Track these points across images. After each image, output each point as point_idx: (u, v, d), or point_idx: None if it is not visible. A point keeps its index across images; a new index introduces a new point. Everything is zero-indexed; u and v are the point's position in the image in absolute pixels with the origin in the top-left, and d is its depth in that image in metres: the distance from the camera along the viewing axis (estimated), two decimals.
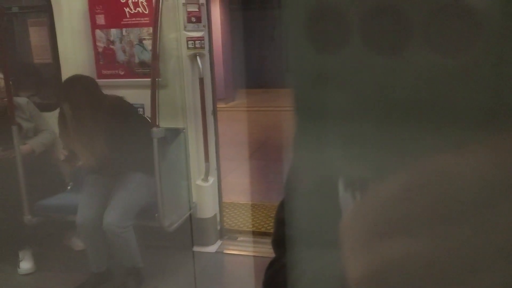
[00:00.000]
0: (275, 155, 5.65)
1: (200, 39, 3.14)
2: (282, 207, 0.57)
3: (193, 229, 3.26)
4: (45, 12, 3.88)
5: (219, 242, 3.42)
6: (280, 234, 0.55)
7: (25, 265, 3.08)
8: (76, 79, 2.77)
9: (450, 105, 0.20)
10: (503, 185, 0.19)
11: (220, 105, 3.40)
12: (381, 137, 0.22)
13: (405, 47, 0.20)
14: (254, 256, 3.25)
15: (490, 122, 0.20)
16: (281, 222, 0.55)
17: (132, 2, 3.11)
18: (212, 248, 3.34)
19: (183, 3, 3.03)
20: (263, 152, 5.95)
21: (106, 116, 2.70)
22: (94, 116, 2.68)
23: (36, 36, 5.10)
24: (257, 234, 3.51)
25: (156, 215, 2.86)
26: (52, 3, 3.32)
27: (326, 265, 0.39)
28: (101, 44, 3.26)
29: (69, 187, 3.35)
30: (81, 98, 2.68)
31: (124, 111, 2.81)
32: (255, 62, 11.10)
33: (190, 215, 3.23)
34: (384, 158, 0.22)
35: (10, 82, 3.03)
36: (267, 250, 3.28)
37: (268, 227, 3.58)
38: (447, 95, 0.20)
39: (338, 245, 0.23)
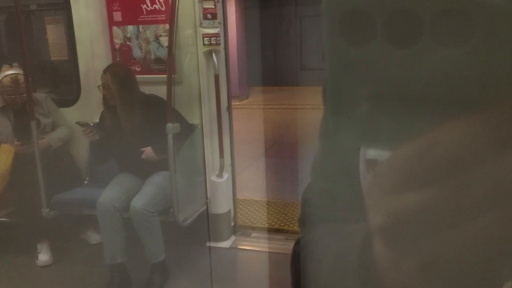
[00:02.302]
0: (289, 153, 5.66)
1: (216, 35, 3.16)
2: (308, 188, 0.59)
3: (207, 225, 3.29)
4: (63, 10, 3.94)
5: (232, 238, 3.44)
6: (306, 213, 0.57)
7: (43, 257, 3.14)
8: (120, 66, 2.92)
9: (456, 88, 0.25)
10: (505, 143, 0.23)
11: (233, 102, 3.42)
12: (401, 120, 0.26)
13: (420, 42, 0.24)
14: (267, 252, 3.27)
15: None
16: (307, 202, 0.58)
17: None
18: (226, 244, 3.36)
19: (199, 0, 3.05)
20: (277, 150, 5.96)
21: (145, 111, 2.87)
22: (134, 108, 2.86)
23: (53, 33, 5.18)
24: (271, 230, 3.52)
25: (171, 210, 2.89)
26: (70, 0, 3.36)
27: (347, 239, 0.42)
28: (118, 41, 3.30)
29: (85, 182, 3.41)
30: (125, 82, 2.88)
31: (161, 108, 2.88)
32: (269, 59, 11.09)
33: (206, 210, 3.26)
34: (403, 139, 0.25)
35: (30, 79, 3.09)
36: (280, 246, 3.30)
37: (282, 224, 3.59)
38: (456, 82, 0.25)
39: (359, 221, 0.26)
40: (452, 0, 0.24)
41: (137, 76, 3.27)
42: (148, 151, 2.90)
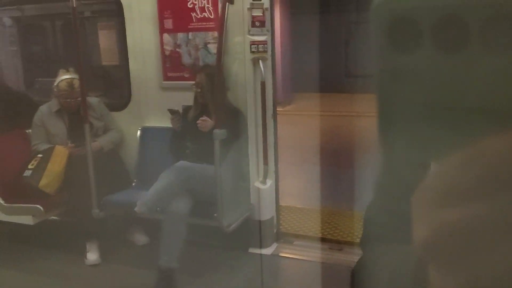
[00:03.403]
0: (332, 160, 5.60)
1: (263, 43, 3.18)
2: (371, 206, 0.58)
3: (250, 231, 3.30)
4: (115, 17, 4.08)
5: (275, 245, 3.43)
6: (368, 233, 0.56)
7: (92, 256, 3.24)
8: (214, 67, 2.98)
9: (505, 97, 0.24)
10: None
11: (277, 108, 3.43)
12: (453, 126, 0.26)
13: (468, 49, 0.24)
14: (309, 261, 3.24)
15: None
16: (369, 221, 0.57)
17: (198, 7, 3.20)
18: (268, 251, 3.35)
19: (248, 7, 3.08)
20: (320, 157, 5.90)
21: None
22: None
23: (105, 39, 5.37)
24: (313, 239, 3.49)
25: (215, 214, 2.92)
26: (123, 7, 3.48)
27: (404, 260, 0.41)
28: (168, 48, 3.38)
29: (133, 184, 3.50)
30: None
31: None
32: (314, 65, 11.03)
33: (251, 216, 3.28)
34: (451, 141, 0.25)
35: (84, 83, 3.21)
36: (323, 256, 3.26)
37: (325, 233, 3.55)
38: (502, 89, 0.24)
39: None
40: (502, 7, 0.23)
41: (185, 82, 3.35)
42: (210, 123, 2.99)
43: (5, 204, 3.26)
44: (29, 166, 3.26)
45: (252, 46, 3.15)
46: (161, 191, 2.86)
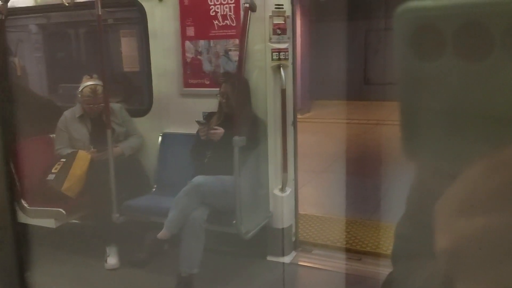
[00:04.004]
0: (351, 168, 5.55)
1: (285, 50, 3.18)
2: (403, 220, 0.57)
3: (269, 239, 3.28)
4: (137, 24, 4.13)
5: (293, 253, 3.41)
6: (399, 248, 0.55)
7: (112, 260, 3.27)
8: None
9: None
10: None
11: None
12: (472, 133, 0.26)
13: (492, 57, 0.24)
14: (328, 270, 3.20)
15: None
16: (400, 236, 0.56)
17: (221, 15, 3.23)
18: (286, 259, 3.33)
19: (269, 15, 3.09)
20: (339, 165, 5.86)
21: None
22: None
23: (126, 46, 5.45)
24: (332, 248, 3.45)
25: (234, 222, 2.92)
26: (146, 15, 3.52)
27: (433, 275, 0.41)
28: (189, 55, 3.42)
29: (153, 190, 3.52)
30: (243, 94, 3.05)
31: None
32: (333, 73, 11.00)
33: (270, 224, 3.26)
34: (477, 152, 0.25)
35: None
36: (342, 266, 3.22)
37: (344, 242, 3.51)
38: None
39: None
40: None
41: (206, 89, 3.38)
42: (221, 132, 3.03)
43: (29, 208, 3.32)
44: (53, 170, 3.32)
45: (274, 53, 3.15)
46: (180, 214, 2.88)
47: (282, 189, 3.33)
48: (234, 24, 3.22)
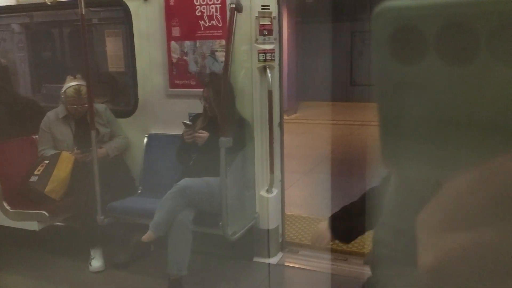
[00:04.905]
0: (337, 169, 5.57)
1: (271, 51, 3.18)
2: (380, 227, 0.57)
3: (255, 240, 3.27)
4: (122, 24, 4.09)
5: (280, 254, 3.41)
6: (377, 254, 0.55)
7: (96, 263, 3.22)
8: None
9: None
10: None
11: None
12: (455, 140, 0.25)
13: (473, 59, 0.23)
14: (314, 270, 3.21)
15: None
16: (379, 242, 0.56)
17: (207, 15, 3.21)
18: (273, 260, 3.33)
19: (256, 16, 3.09)
20: (325, 166, 5.88)
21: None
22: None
23: (112, 46, 5.39)
24: (319, 249, 3.45)
25: (220, 223, 2.90)
26: (132, 15, 3.49)
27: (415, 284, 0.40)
28: (175, 55, 3.39)
29: (139, 191, 3.49)
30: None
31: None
32: (319, 74, 11.05)
33: (256, 225, 3.25)
34: (459, 159, 0.24)
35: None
36: (328, 266, 3.23)
37: (330, 243, 3.51)
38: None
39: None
40: (509, 15, 0.22)
41: (192, 90, 3.35)
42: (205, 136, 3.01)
43: (11, 210, 3.26)
44: (35, 172, 3.26)
45: (260, 54, 3.15)
46: (166, 216, 2.84)
47: (269, 190, 3.32)
48: (220, 25, 3.21)
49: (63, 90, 3.34)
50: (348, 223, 1.56)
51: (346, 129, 8.18)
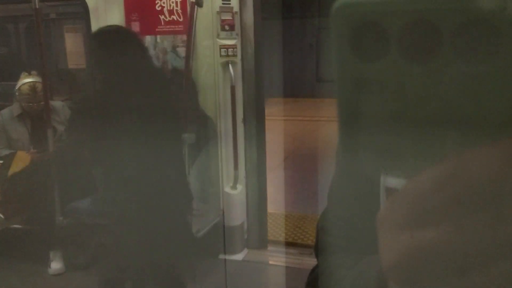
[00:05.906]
0: (304, 165, 5.62)
1: (233, 47, 3.16)
2: (324, 215, 0.57)
3: (220, 237, 3.26)
4: (82, 19, 3.99)
5: (245, 251, 3.41)
6: (322, 241, 0.54)
7: (56, 265, 3.13)
8: None
9: (478, 108, 0.22)
10: None
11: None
12: (417, 139, 0.24)
13: (437, 57, 0.23)
14: (281, 265, 3.22)
15: None
16: (323, 229, 0.55)
17: (167, 10, 3.15)
18: (239, 257, 3.32)
19: (217, 11, 3.06)
20: (292, 162, 5.92)
21: None
22: None
23: (71, 42, 5.25)
24: (284, 244, 3.48)
25: None
26: (89, 11, 3.39)
27: (363, 274, 0.41)
28: None
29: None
30: None
31: None
32: (285, 71, 11.12)
33: (221, 222, 3.24)
34: (420, 158, 0.24)
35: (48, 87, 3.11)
36: (294, 261, 3.25)
37: (296, 238, 3.54)
38: (474, 100, 0.22)
39: (376, 254, 0.25)
40: (475, 11, 0.21)
41: None
42: None
43: None
44: None
45: (222, 50, 3.12)
46: None
47: (233, 187, 3.31)
48: (181, 20, 3.16)
49: (17, 87, 3.22)
50: None
51: (312, 125, 8.26)
